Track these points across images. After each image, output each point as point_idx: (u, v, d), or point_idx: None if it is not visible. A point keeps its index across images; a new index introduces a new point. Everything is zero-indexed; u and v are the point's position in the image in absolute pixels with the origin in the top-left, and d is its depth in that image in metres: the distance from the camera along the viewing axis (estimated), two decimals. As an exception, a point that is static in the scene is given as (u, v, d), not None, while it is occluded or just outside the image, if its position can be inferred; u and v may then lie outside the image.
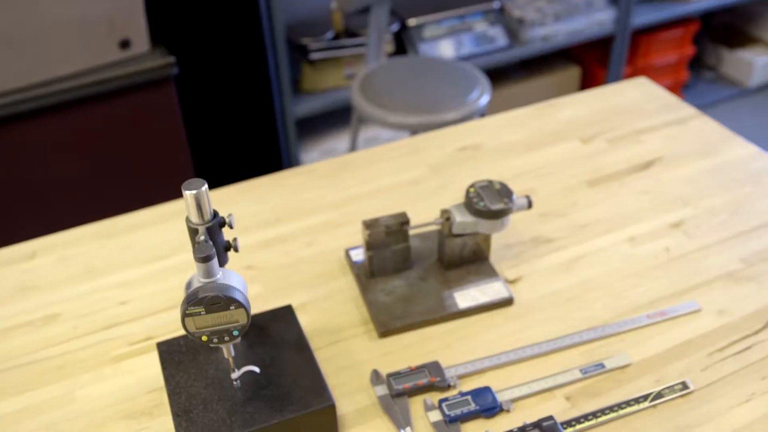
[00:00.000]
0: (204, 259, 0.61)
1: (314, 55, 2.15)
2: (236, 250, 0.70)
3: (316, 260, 0.95)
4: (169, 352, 0.77)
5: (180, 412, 0.70)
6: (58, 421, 0.77)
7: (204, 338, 0.63)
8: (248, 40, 2.01)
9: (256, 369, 0.72)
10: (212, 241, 0.68)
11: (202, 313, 0.62)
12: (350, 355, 0.82)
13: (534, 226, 0.99)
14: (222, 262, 0.70)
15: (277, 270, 0.94)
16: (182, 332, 0.84)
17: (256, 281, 0.92)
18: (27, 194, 1.72)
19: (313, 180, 1.10)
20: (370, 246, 0.87)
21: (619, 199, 1.03)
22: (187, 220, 0.67)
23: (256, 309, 0.88)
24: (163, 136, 1.80)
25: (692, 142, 1.14)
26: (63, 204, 1.76)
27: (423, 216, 1.01)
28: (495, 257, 0.94)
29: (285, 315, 0.80)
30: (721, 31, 3.06)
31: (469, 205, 0.86)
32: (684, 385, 0.77)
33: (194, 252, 0.61)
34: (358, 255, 0.93)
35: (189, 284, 0.64)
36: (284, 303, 0.88)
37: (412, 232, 0.98)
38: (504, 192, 0.87)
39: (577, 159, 1.12)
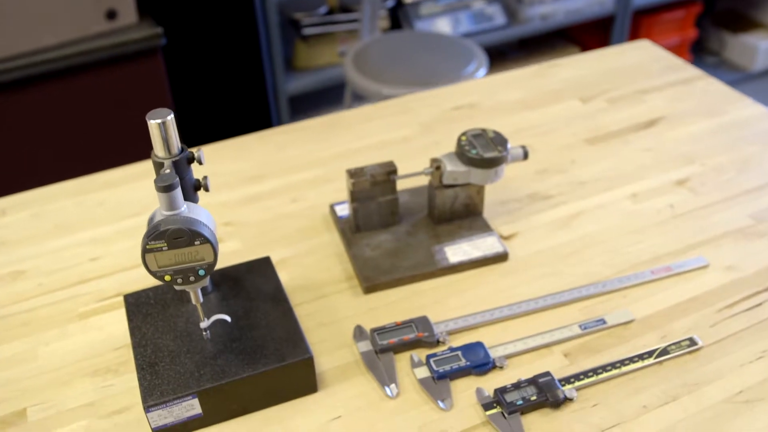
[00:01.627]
0: (166, 189, 0.56)
1: (307, 31, 2.09)
2: (206, 189, 0.64)
3: (299, 216, 0.90)
4: (137, 305, 0.71)
5: (145, 365, 0.65)
6: (20, 378, 0.71)
7: (167, 278, 0.58)
8: (239, 13, 1.95)
9: (227, 317, 0.66)
10: (179, 177, 0.62)
11: (164, 248, 0.56)
12: (332, 312, 0.76)
13: (530, 183, 0.93)
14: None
15: (257, 226, 0.88)
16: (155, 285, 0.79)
17: (234, 237, 0.87)
18: (11, 164, 1.67)
19: (300, 137, 1.04)
20: (355, 197, 0.81)
21: (620, 157, 0.98)
22: (153, 155, 0.62)
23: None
24: (150, 108, 1.74)
25: (697, 102, 1.09)
26: (48, 174, 1.71)
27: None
28: (489, 213, 0.89)
29: (262, 266, 0.75)
30: (724, 16, 3.01)
31: (461, 153, 0.80)
32: (692, 341, 0.71)
33: (155, 181, 0.55)
34: (344, 210, 0.87)
35: (151, 219, 0.58)
36: (264, 259, 0.83)
37: (400, 186, 0.92)
38: (498, 140, 0.81)
39: (577, 117, 1.06)
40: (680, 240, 0.84)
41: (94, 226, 0.90)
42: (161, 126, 0.60)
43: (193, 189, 0.65)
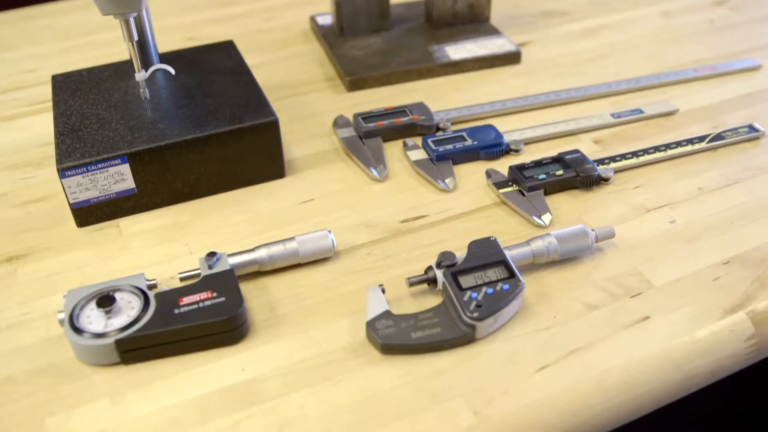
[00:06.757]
0: None
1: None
2: None
3: (275, 31, 0.76)
4: (66, 83, 0.58)
5: (66, 131, 0.51)
6: None
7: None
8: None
9: (170, 69, 0.53)
10: None
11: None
12: (309, 106, 0.63)
13: (543, 2, 0.80)
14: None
15: (225, 39, 0.75)
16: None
17: (196, 49, 0.73)
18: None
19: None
20: (338, -12, 0.68)
21: (649, -16, 0.85)
22: None
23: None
24: None
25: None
26: None
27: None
28: (497, 24, 0.75)
29: (224, 48, 0.61)
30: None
31: (465, -66, 0.67)
32: (752, 128, 0.58)
33: None
34: (326, 19, 0.74)
35: None
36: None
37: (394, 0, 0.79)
38: None
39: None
40: (724, 47, 0.70)
41: (36, 45, 0.76)
42: None
43: None
